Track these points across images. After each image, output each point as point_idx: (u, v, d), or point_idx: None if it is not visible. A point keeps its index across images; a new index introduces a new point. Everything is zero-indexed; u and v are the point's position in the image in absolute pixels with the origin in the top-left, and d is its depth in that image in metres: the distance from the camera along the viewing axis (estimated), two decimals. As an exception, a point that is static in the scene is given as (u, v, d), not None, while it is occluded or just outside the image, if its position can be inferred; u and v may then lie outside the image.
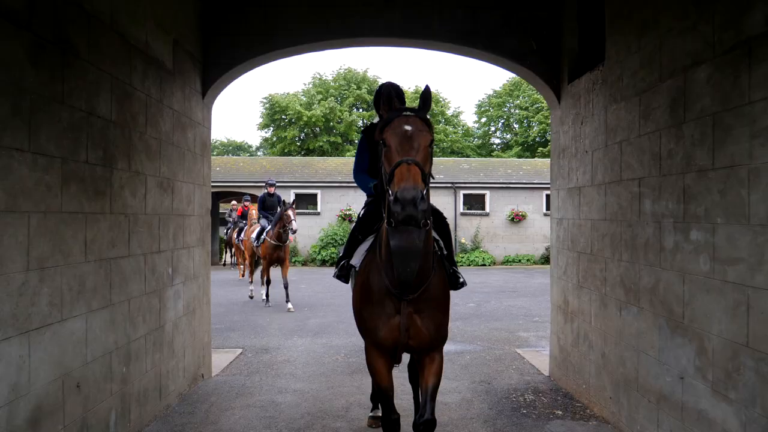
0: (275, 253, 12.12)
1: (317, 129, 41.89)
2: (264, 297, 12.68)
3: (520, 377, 7.06)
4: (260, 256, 12.64)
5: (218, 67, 6.82)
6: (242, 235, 16.56)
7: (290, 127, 41.64)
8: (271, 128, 43.35)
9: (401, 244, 3.47)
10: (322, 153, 40.24)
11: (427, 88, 3.62)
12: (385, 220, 3.58)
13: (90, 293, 4.15)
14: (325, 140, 40.86)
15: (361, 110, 43.37)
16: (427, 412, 3.79)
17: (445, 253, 4.25)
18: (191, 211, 6.38)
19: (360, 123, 42.46)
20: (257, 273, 14.68)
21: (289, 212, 11.66)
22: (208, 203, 7.03)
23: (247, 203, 18.69)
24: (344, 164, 26.75)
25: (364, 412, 5.66)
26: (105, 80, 4.35)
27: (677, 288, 4.28)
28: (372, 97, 41.91)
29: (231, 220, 19.89)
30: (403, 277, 3.57)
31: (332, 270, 5.17)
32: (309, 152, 41.12)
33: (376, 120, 4.84)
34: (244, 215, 18.15)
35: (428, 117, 3.63)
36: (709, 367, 3.89)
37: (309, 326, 10.32)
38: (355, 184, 22.67)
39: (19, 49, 3.33)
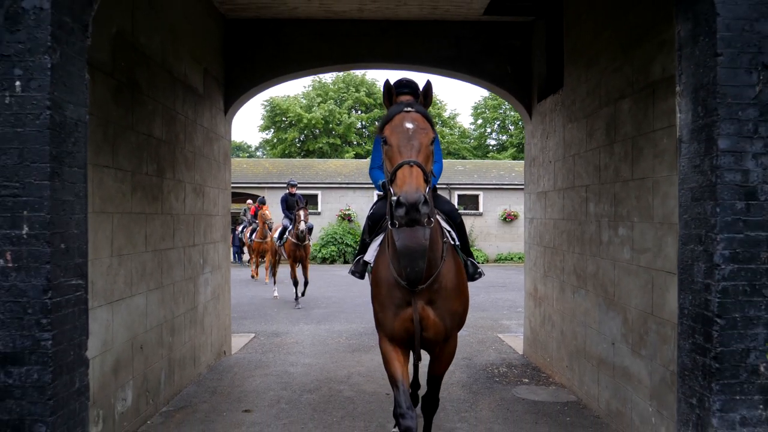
0: (296, 252, 12.45)
1: (317, 131, 42.95)
2: (294, 296, 12.72)
3: (497, 355, 8.21)
4: (285, 256, 12.88)
5: (238, 88, 7.97)
6: (254, 235, 16.84)
7: (290, 129, 42.73)
8: (272, 130, 44.44)
9: (407, 243, 3.56)
10: (322, 154, 41.31)
11: (428, 83, 3.63)
12: (389, 221, 3.57)
13: (149, 276, 5.30)
14: (324, 142, 41.94)
15: (359, 112, 44.46)
16: (430, 393, 4.19)
17: (458, 243, 4.33)
18: (216, 211, 7.52)
19: (359, 125, 43.57)
20: (280, 273, 14.86)
21: (300, 212, 12.21)
22: (228, 204, 8.18)
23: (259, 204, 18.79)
24: (344, 166, 27.89)
25: (363, 380, 6.79)
26: (158, 108, 5.49)
27: (610, 273, 5.43)
28: (370, 100, 43.14)
29: (245, 219, 20.12)
30: (411, 275, 3.66)
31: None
32: (309, 153, 42.19)
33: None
34: (257, 215, 17.98)
35: (428, 112, 3.61)
36: (629, 333, 5.04)
37: (313, 315, 11.45)
38: (354, 185, 23.48)
39: (107, 91, 4.47)
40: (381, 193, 4.72)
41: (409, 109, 3.50)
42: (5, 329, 3.09)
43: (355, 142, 43.92)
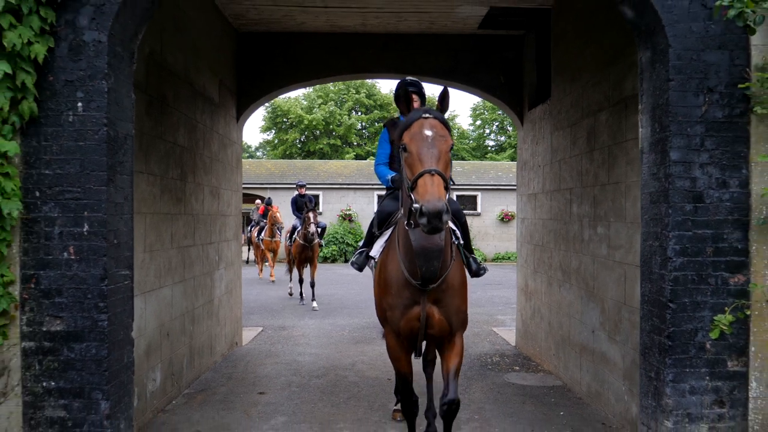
0: (304, 253, 12.65)
1: (317, 132, 43.54)
2: (297, 294, 13.21)
3: (491, 346, 8.79)
4: (293, 256, 13.10)
5: (249, 97, 8.53)
6: (262, 234, 16.99)
7: (291, 130, 43.32)
8: (273, 131, 45.04)
9: (423, 244, 3.66)
10: (322, 155, 41.89)
11: (445, 89, 3.70)
12: (405, 221, 3.74)
13: (174, 270, 5.87)
14: (325, 143, 42.52)
15: (359, 114, 45.06)
16: (450, 392, 3.95)
17: (462, 242, 4.46)
18: (229, 212, 8.10)
19: (359, 126, 44.15)
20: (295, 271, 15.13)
21: (309, 215, 12.35)
22: (240, 205, 8.75)
23: (268, 206, 18.76)
24: (344, 167, 28.47)
25: (366, 367, 7.37)
26: (182, 119, 6.07)
27: (590, 267, 6.00)
28: (370, 101, 43.74)
29: (253, 219, 20.12)
30: (426, 274, 3.76)
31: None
32: (309, 154, 42.78)
33: (396, 115, 5.19)
34: (266, 214, 18.03)
35: (446, 118, 3.68)
36: (606, 321, 5.61)
37: (317, 311, 12.01)
38: (355, 186, 24.09)
39: (142, 106, 5.04)
40: (388, 187, 4.88)
41: (428, 115, 3.56)
42: (68, 311, 3.67)
43: (355, 143, 44.55)
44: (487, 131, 48.16)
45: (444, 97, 3.69)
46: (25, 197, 3.64)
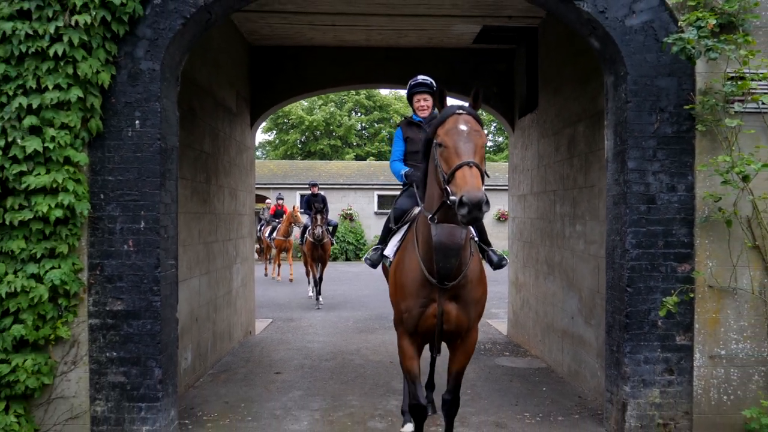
0: (315, 252, 12.91)
1: (318, 133, 44.28)
2: (314, 297, 13.07)
3: (484, 335, 9.54)
4: (305, 255, 13.29)
5: (262, 105, 9.28)
6: (274, 234, 16.94)
7: (292, 130, 44.08)
8: (274, 131, 45.80)
9: (444, 240, 3.65)
10: (323, 155, 42.63)
11: (477, 88, 3.70)
12: (429, 215, 3.71)
13: (201, 263, 6.62)
14: (325, 143, 43.25)
15: (359, 115, 45.81)
16: (452, 390, 4.15)
17: (477, 238, 4.50)
18: (244, 211, 8.85)
19: (359, 127, 44.93)
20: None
21: (317, 216, 12.67)
22: (253, 205, 9.50)
23: (280, 201, 18.76)
24: (345, 167, 29.24)
25: (370, 352, 8.11)
26: (207, 128, 6.81)
27: (570, 261, 6.76)
28: (370, 103, 44.48)
29: (264, 218, 19.96)
30: (443, 271, 3.75)
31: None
32: (310, 155, 43.52)
33: (408, 114, 5.41)
34: (277, 214, 18.04)
35: (479, 115, 3.70)
36: (583, 308, 6.37)
37: (322, 305, 12.76)
38: (355, 186, 24.87)
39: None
40: (403, 184, 4.95)
41: (462, 111, 3.59)
42: (128, 294, 4.42)
43: (355, 144, 45.31)
44: (485, 131, 48.84)
45: (477, 96, 3.70)
46: (92, 199, 4.40)
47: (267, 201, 21.84)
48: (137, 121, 4.40)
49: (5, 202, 4.25)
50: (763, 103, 4.32)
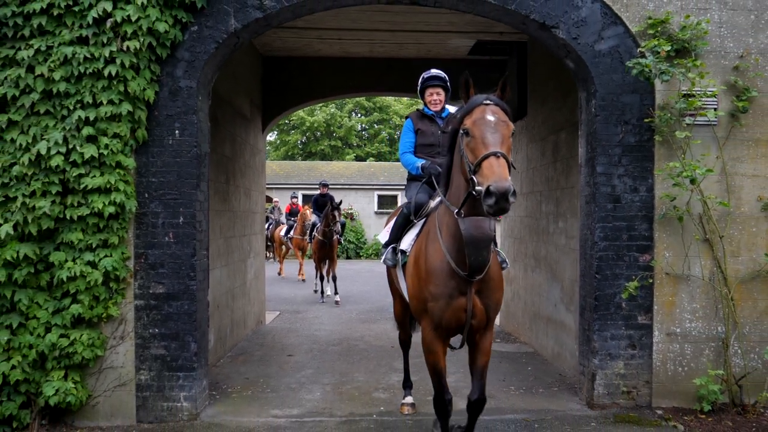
0: (323, 249, 13.05)
1: (318, 133, 45.03)
2: (319, 291, 13.46)
3: (478, 325, 10.29)
4: (314, 252, 13.45)
5: (272, 111, 10.04)
6: (291, 232, 16.81)
7: (293, 131, 44.83)
8: (276, 132, 46.53)
9: (474, 234, 3.59)
10: (323, 156, 43.36)
11: (506, 78, 3.70)
12: (456, 210, 3.65)
13: (221, 256, 7.37)
14: (326, 144, 43.98)
15: (359, 116, 46.57)
16: (477, 391, 3.97)
17: None
18: (257, 209, 9.59)
19: (359, 128, 45.70)
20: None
21: (334, 213, 12.85)
22: (264, 204, 10.25)
23: (294, 200, 18.80)
24: (346, 168, 30.00)
25: (372, 339, 8.86)
26: (227, 134, 7.56)
27: (554, 254, 7.51)
28: (370, 104, 45.22)
29: (272, 218, 20.01)
30: (475, 264, 3.68)
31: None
32: (311, 155, 44.25)
33: (417, 107, 5.55)
34: (293, 212, 17.93)
35: (506, 106, 3.65)
36: (565, 296, 7.12)
37: (326, 299, 13.51)
38: (356, 186, 25.63)
39: (203, 127, 6.53)
40: (417, 175, 4.86)
41: (489, 101, 3.56)
42: (168, 279, 5.16)
43: (355, 144, 46.07)
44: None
45: (505, 86, 3.69)
46: (138, 198, 5.14)
47: (275, 201, 22.04)
48: (177, 131, 5.14)
49: (66, 200, 4.99)
50: (708, 118, 5.08)
